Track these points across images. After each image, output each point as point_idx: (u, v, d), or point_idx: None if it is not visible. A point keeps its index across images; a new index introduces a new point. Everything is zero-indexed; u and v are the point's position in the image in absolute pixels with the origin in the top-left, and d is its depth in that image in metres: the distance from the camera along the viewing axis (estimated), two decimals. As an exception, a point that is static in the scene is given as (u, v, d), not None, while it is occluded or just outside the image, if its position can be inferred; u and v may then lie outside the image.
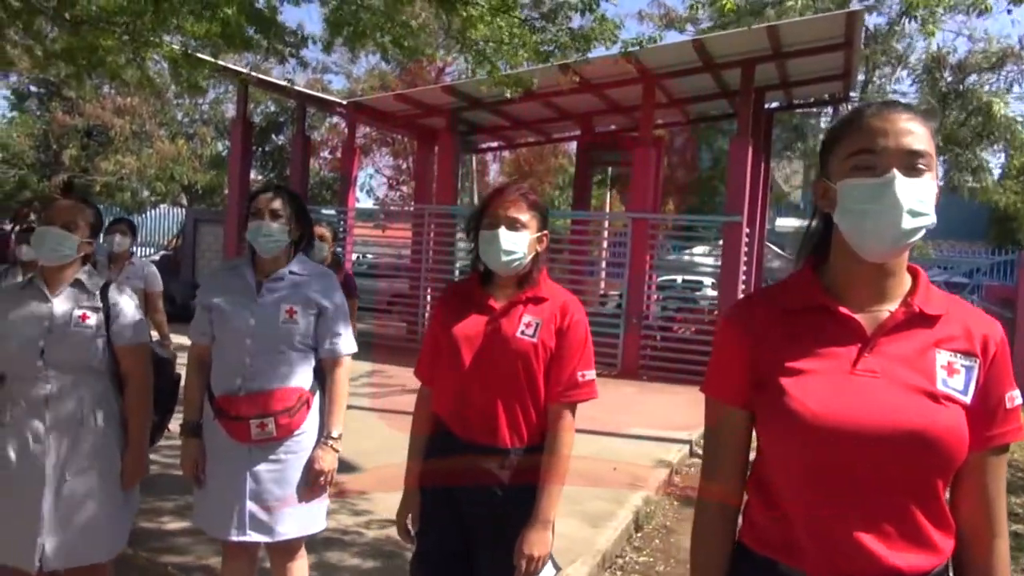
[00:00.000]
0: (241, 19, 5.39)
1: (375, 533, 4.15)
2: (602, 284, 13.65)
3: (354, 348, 2.62)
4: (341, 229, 11.95)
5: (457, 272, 12.88)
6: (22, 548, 2.41)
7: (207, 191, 20.72)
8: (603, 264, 13.64)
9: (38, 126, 19.80)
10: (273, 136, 20.96)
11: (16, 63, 8.43)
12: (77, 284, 2.52)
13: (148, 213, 19.48)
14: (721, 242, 10.68)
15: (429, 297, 12.61)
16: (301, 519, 2.52)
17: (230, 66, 11.73)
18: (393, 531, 4.11)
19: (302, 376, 2.51)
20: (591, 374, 2.12)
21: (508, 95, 7.25)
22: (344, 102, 13.71)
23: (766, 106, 12.63)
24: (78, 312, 2.47)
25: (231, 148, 14.73)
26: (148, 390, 2.60)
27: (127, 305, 2.57)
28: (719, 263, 10.78)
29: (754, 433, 1.37)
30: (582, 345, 2.12)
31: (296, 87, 13.16)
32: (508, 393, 2.07)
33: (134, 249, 5.24)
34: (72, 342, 2.44)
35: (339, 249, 6.23)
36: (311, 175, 17.43)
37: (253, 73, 11.38)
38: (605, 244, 13.48)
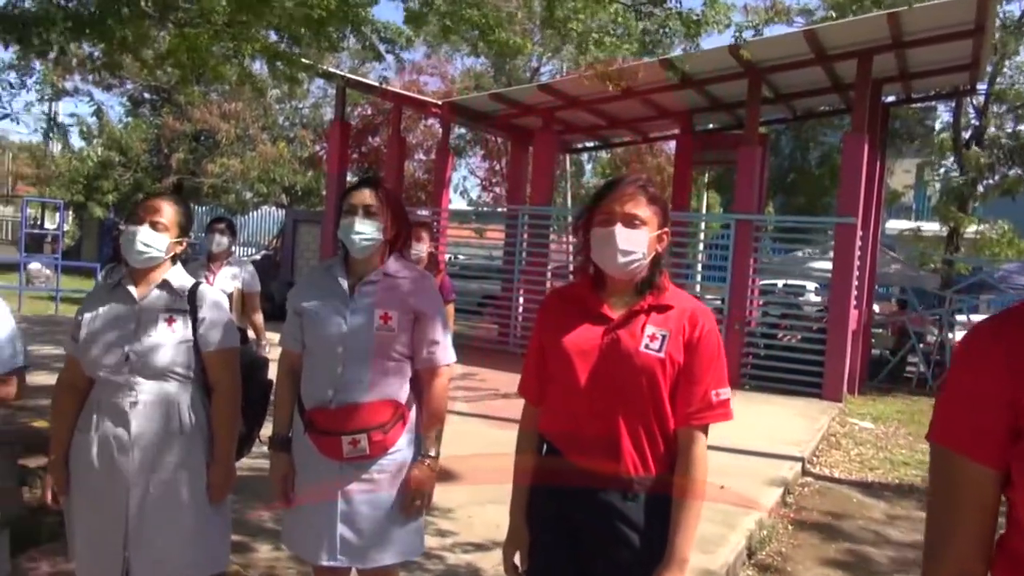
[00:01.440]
0: (335, 17, 5.30)
1: (456, 558, 3.89)
2: (697, 288, 13.15)
3: (453, 358, 2.38)
4: (434, 230, 11.92)
5: (549, 275, 12.66)
6: (107, 561, 2.29)
7: (306, 192, 21.21)
8: (699, 267, 13.14)
9: (151, 131, 20.72)
10: (369, 138, 21.29)
11: (125, 68, 8.73)
12: (165, 286, 2.38)
13: (250, 214, 20.09)
14: (832, 245, 10.07)
15: (522, 299, 12.44)
16: (395, 544, 2.30)
17: (330, 69, 11.92)
18: (478, 556, 3.93)
19: (397, 388, 2.30)
20: (726, 392, 1.82)
21: (610, 88, 6.95)
22: (439, 102, 13.68)
23: (883, 100, 11.83)
24: (164, 315, 2.33)
25: (329, 149, 14.98)
26: (236, 398, 2.44)
27: (216, 308, 2.41)
28: (829, 267, 10.17)
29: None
30: (714, 359, 1.83)
31: (391, 88, 13.23)
32: (631, 414, 1.80)
33: (234, 248, 5.23)
34: (157, 347, 2.29)
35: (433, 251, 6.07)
36: (405, 176, 17.55)
37: (351, 75, 11.50)
38: (701, 247, 12.98)
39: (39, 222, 27.33)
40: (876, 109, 10.86)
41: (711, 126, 14.79)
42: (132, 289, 2.36)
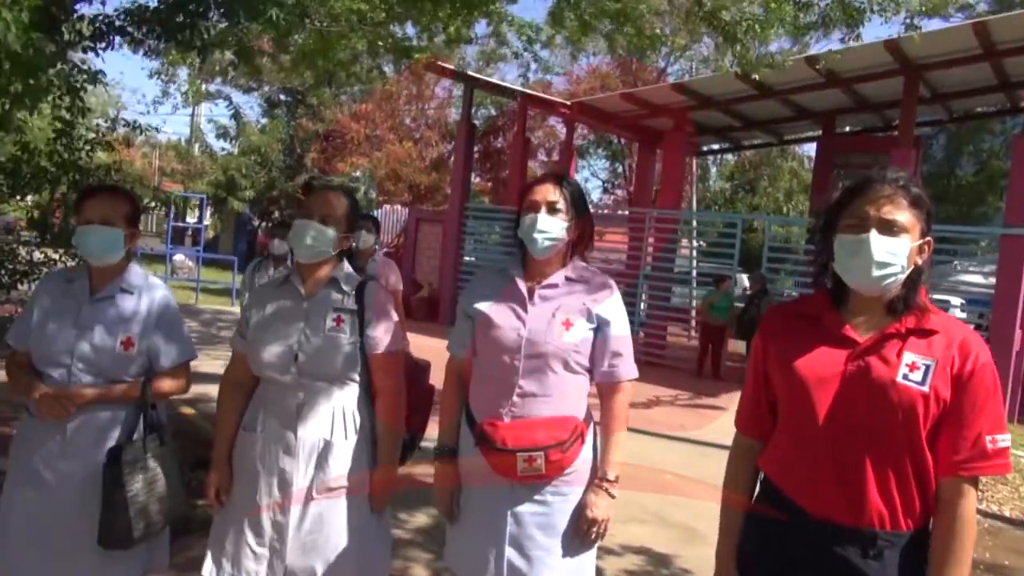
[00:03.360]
0: (465, 14, 5.23)
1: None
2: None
3: (635, 372, 2.16)
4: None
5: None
6: (269, 564, 2.20)
7: (428, 191, 21.56)
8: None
9: (286, 131, 21.59)
10: (492, 139, 21.41)
11: (263, 72, 9.03)
12: (334, 283, 2.28)
13: (376, 212, 20.59)
14: (993, 258, 9.20)
15: (644, 304, 12.08)
16: (566, 574, 2.11)
17: (453, 68, 12.00)
18: (622, 560, 3.70)
19: (576, 403, 2.10)
20: (1005, 439, 1.51)
21: (756, 77, 6.57)
22: (568, 102, 13.51)
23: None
24: (333, 315, 2.22)
25: (455, 148, 15.13)
26: (402, 403, 2.31)
27: (384, 308, 2.29)
28: (982, 281, 9.30)
29: None
30: (990, 398, 1.52)
31: (519, 88, 13.19)
32: (881, 457, 1.52)
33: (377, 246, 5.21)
34: (326, 348, 2.19)
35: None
36: (528, 177, 17.52)
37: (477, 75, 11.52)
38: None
39: (182, 216, 29.05)
40: (1051, 109, 9.88)
41: (847, 128, 13.93)
42: (300, 286, 2.27)
